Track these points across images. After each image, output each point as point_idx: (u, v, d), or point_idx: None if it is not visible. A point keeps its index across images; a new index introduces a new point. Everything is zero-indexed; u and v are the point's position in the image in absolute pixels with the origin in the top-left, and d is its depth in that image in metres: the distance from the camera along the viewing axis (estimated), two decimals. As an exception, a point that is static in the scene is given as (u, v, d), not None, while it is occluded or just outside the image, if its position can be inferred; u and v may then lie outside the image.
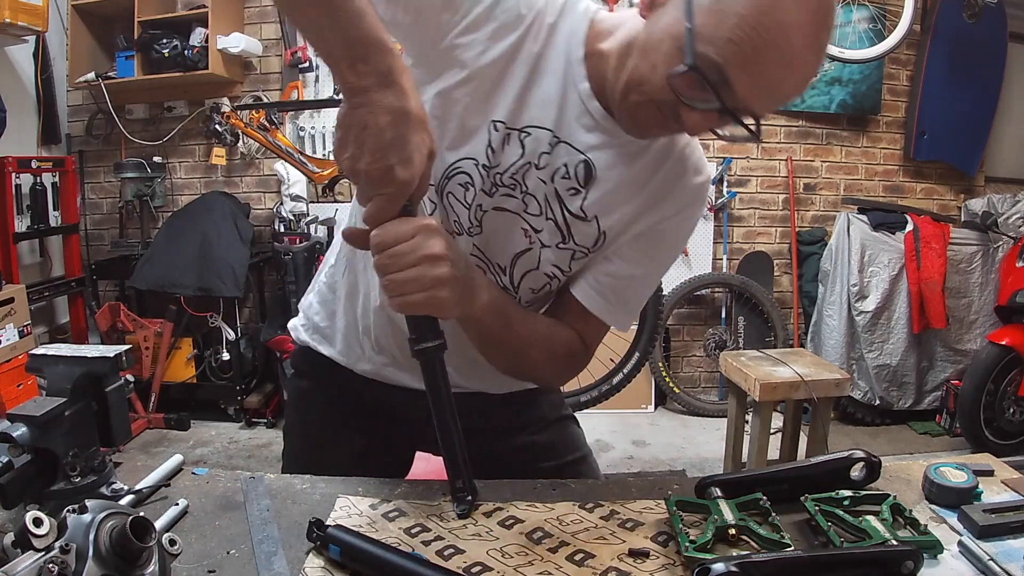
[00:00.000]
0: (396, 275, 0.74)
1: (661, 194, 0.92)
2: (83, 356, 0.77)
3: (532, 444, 1.10)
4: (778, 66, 0.69)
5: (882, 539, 0.69)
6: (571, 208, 0.89)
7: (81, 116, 3.93)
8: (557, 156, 0.87)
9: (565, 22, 0.85)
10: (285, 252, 3.58)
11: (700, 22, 0.69)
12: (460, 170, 0.86)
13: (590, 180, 0.88)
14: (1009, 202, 3.67)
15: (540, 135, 0.86)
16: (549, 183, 0.88)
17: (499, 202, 0.89)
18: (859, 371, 3.57)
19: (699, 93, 0.71)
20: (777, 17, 0.67)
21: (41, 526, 0.57)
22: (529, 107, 0.85)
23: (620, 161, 0.88)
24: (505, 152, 0.86)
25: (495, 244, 0.92)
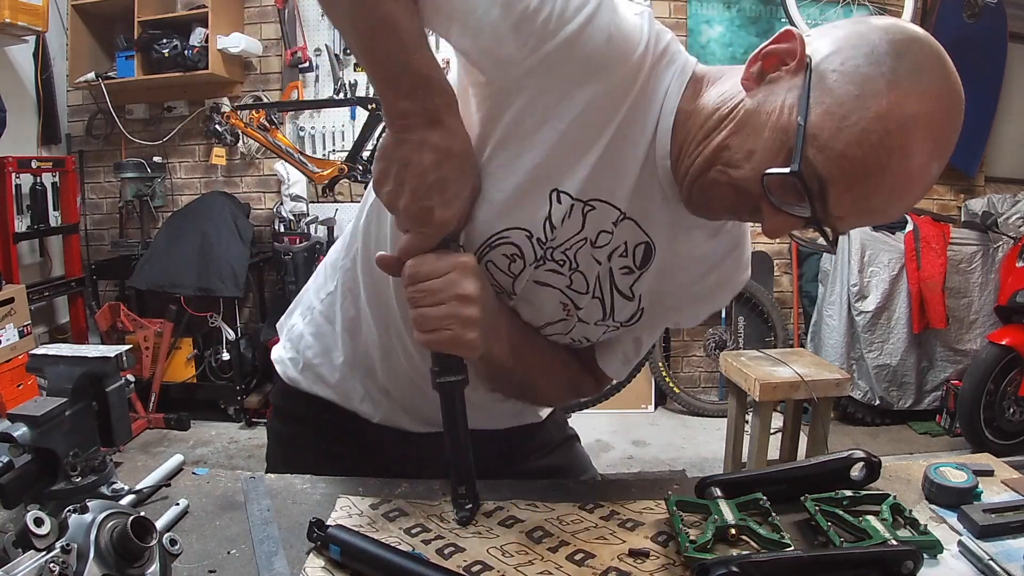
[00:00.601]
0: (426, 310, 0.71)
1: (711, 287, 0.87)
2: (83, 356, 0.77)
3: (540, 469, 1.06)
4: (887, 194, 0.61)
5: (882, 539, 0.69)
6: (620, 288, 0.82)
7: (81, 116, 3.93)
8: (618, 234, 0.78)
9: (667, 71, 0.72)
10: (285, 252, 3.58)
11: (815, 123, 0.60)
12: (507, 240, 0.75)
13: (648, 263, 0.80)
14: (1009, 202, 3.67)
15: (606, 212, 0.76)
16: (604, 262, 0.80)
17: (542, 276, 0.79)
18: (859, 371, 3.57)
19: (792, 198, 0.63)
20: (904, 141, 0.58)
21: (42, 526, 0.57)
22: (602, 177, 0.73)
23: (686, 247, 0.81)
24: (563, 226, 0.75)
25: (527, 312, 0.84)
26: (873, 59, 0.60)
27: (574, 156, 0.72)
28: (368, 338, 0.92)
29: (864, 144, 0.59)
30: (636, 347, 0.93)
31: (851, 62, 0.60)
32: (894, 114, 0.58)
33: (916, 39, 0.61)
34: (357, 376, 0.95)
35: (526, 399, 0.98)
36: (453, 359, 0.77)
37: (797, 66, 0.64)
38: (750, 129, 0.65)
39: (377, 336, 0.91)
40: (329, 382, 0.97)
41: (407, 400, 0.94)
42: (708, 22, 3.75)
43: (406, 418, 0.96)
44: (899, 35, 0.61)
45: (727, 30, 3.76)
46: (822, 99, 0.60)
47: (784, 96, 0.63)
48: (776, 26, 3.75)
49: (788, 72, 0.64)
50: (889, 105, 0.58)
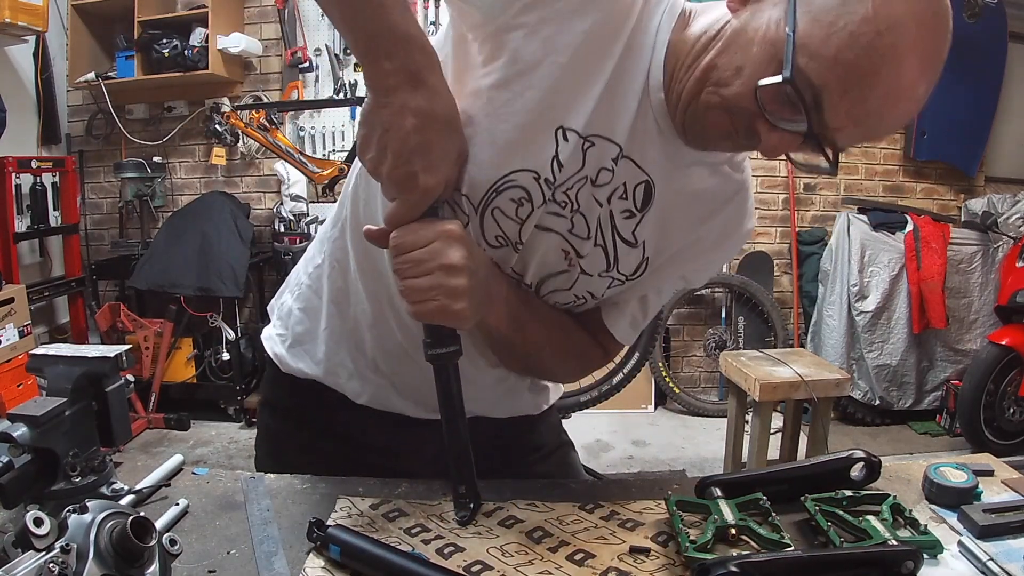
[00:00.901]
0: (413, 281, 0.70)
1: (720, 233, 0.85)
2: (83, 356, 0.77)
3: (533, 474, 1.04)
4: (883, 98, 0.60)
5: (882, 539, 0.69)
6: (622, 233, 0.80)
7: (81, 116, 3.93)
8: (618, 174, 0.76)
9: (658, 5, 0.72)
10: (285, 252, 3.58)
11: (804, 31, 0.60)
12: (514, 184, 0.73)
13: (648, 203, 0.78)
14: (1009, 202, 3.67)
15: (606, 148, 0.74)
16: (605, 204, 0.78)
17: (543, 220, 0.77)
18: (859, 371, 3.57)
19: (787, 111, 0.62)
20: (894, 41, 0.58)
21: (42, 526, 0.57)
22: (603, 112, 0.72)
23: (685, 184, 0.79)
24: (570, 164, 0.74)
25: (531, 260, 0.81)
26: None
27: (577, 91, 0.70)
28: (357, 309, 0.90)
29: (855, 46, 0.58)
30: (643, 308, 0.91)
31: None
32: (881, 15, 0.58)
33: None
34: (344, 349, 0.93)
35: (533, 373, 0.97)
36: (445, 330, 0.75)
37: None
38: (738, 46, 0.65)
39: (368, 306, 0.89)
40: (316, 357, 0.95)
41: (399, 375, 0.92)
42: None
43: (397, 397, 0.93)
44: None
45: None
46: (808, 8, 0.60)
47: (769, 12, 0.63)
48: None
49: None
50: (876, 7, 0.58)
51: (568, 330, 0.89)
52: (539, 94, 0.70)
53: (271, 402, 1.06)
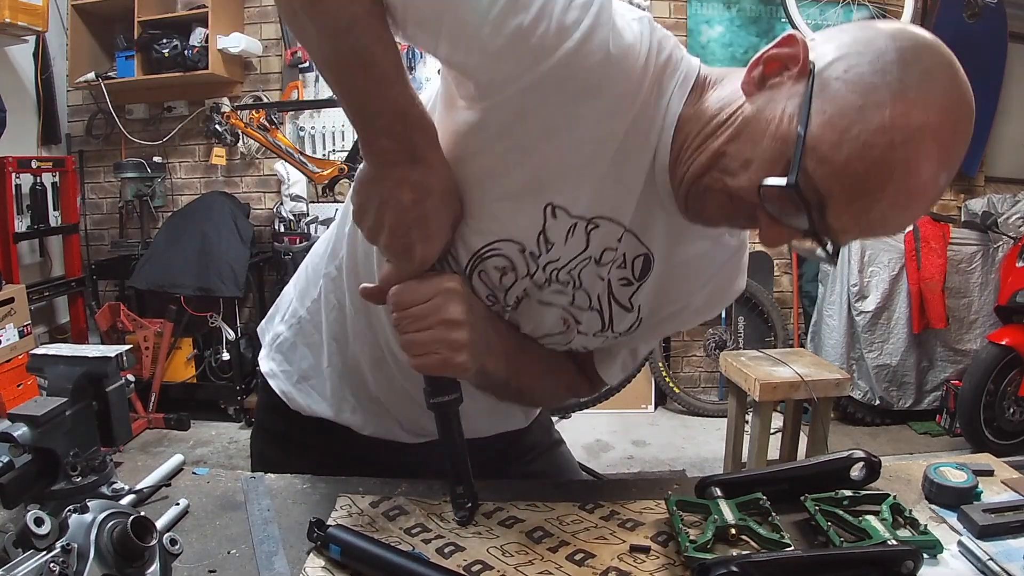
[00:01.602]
0: (413, 336, 0.71)
1: (707, 297, 0.86)
2: (83, 356, 0.77)
3: (526, 475, 1.06)
4: (889, 208, 0.58)
5: (882, 539, 0.69)
6: (619, 299, 0.81)
7: (81, 116, 3.93)
8: (619, 252, 0.77)
9: (669, 81, 0.69)
10: (285, 252, 3.58)
11: (815, 133, 0.57)
12: (498, 252, 0.73)
13: (647, 275, 0.79)
14: (1009, 202, 3.67)
15: (611, 229, 0.73)
16: (607, 279, 0.78)
17: (547, 297, 0.78)
18: (859, 371, 3.57)
19: (790, 209, 0.60)
20: (907, 155, 0.55)
21: (42, 526, 0.57)
22: (607, 195, 0.71)
23: (685, 256, 0.79)
24: (568, 245, 0.73)
25: (528, 323, 0.82)
26: (879, 67, 0.56)
27: (574, 173, 0.69)
28: (356, 348, 0.90)
29: (866, 158, 0.56)
30: (633, 356, 0.92)
31: (855, 70, 0.57)
32: (899, 126, 0.55)
33: (925, 46, 0.58)
34: (347, 386, 0.93)
35: (521, 403, 0.98)
36: (445, 379, 0.77)
37: (799, 72, 0.61)
38: (748, 136, 0.63)
39: (367, 348, 0.89)
40: (323, 393, 0.95)
41: (401, 411, 0.93)
42: (708, 22, 3.75)
43: (399, 429, 0.95)
44: (907, 42, 0.58)
45: (727, 30, 3.76)
46: (824, 108, 0.58)
47: (784, 103, 0.61)
48: (776, 26, 3.75)
49: (790, 78, 0.62)
50: (893, 117, 0.55)
51: (560, 368, 0.91)
52: (531, 172, 0.68)
53: (268, 430, 1.05)
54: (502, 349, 0.79)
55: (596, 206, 0.72)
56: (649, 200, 0.73)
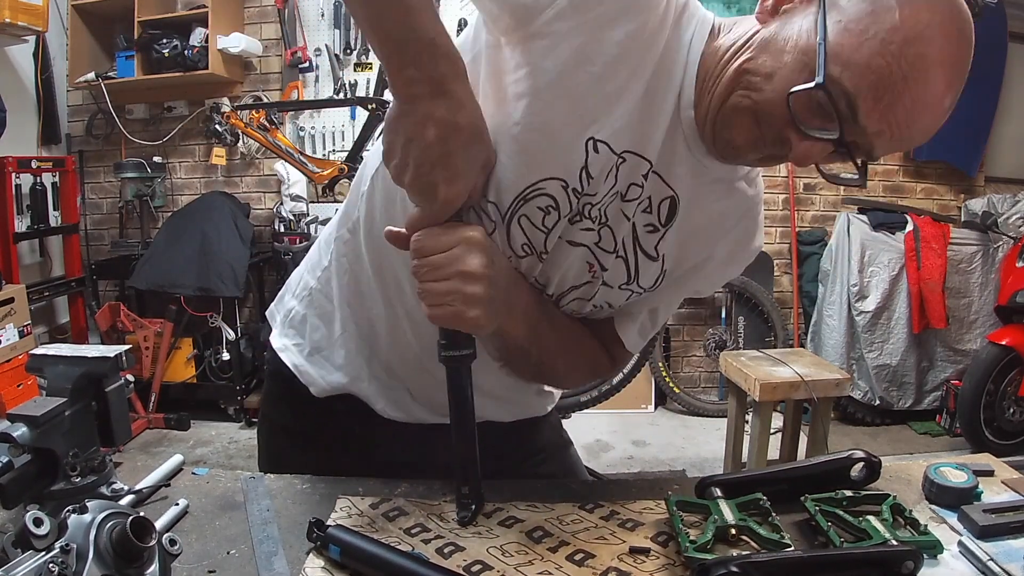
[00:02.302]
0: (431, 285, 0.70)
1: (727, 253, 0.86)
2: (83, 356, 0.77)
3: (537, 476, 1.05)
4: (914, 105, 0.61)
5: (882, 539, 0.69)
6: (644, 247, 0.80)
7: (81, 116, 3.93)
8: (645, 188, 0.76)
9: (689, 21, 0.72)
10: (285, 252, 3.58)
11: (835, 40, 0.61)
12: (542, 192, 0.73)
13: (672, 219, 0.79)
14: (1009, 202, 3.67)
15: (637, 164, 0.74)
16: (634, 218, 0.78)
17: (574, 234, 0.77)
18: (859, 371, 3.57)
19: (818, 120, 0.63)
20: (923, 49, 0.60)
21: (41, 526, 0.57)
22: (636, 128, 0.72)
23: (706, 200, 0.80)
24: (606, 180, 0.73)
25: (555, 272, 0.81)
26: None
27: (609, 103, 0.70)
28: (373, 311, 0.89)
29: (886, 54, 0.60)
30: (652, 319, 0.91)
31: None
32: (909, 24, 0.60)
33: None
34: (361, 354, 0.92)
35: (542, 380, 0.97)
36: (460, 334, 0.75)
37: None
38: (769, 53, 0.66)
39: (383, 310, 0.88)
40: (336, 363, 0.94)
41: (413, 381, 0.92)
42: (708, 22, 3.75)
43: (412, 402, 0.94)
44: None
45: (727, 30, 3.76)
46: (838, 18, 0.62)
47: (800, 22, 0.65)
48: (776, 26, 3.75)
49: (801, 2, 0.66)
50: (902, 16, 0.60)
51: (581, 339, 0.89)
52: (570, 104, 0.69)
53: (274, 421, 1.05)
54: (522, 311, 0.78)
55: (624, 140, 0.72)
56: (674, 139, 0.75)
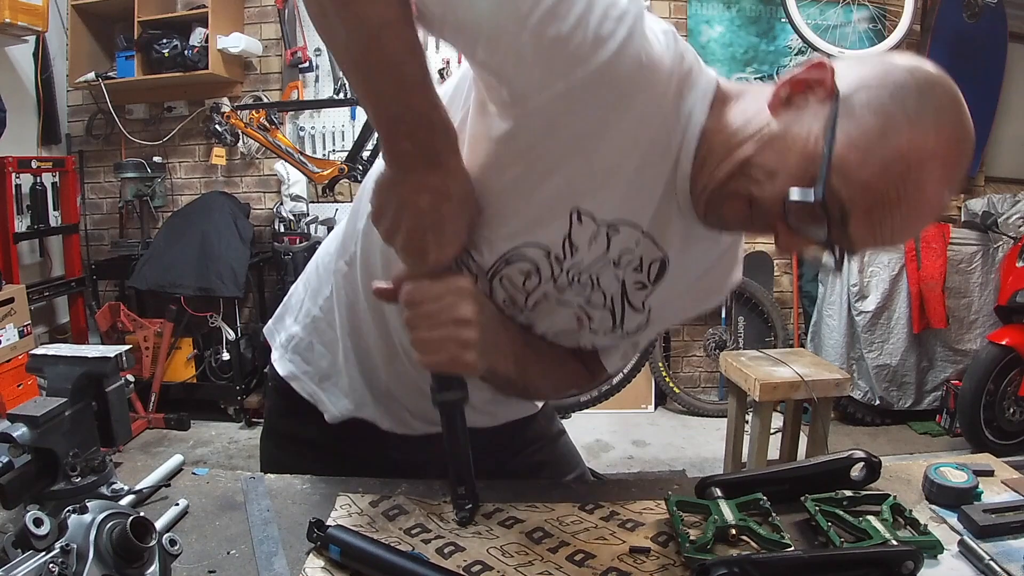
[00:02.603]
0: (424, 334, 0.72)
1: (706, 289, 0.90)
2: (83, 356, 0.77)
3: (531, 464, 1.08)
4: (902, 219, 0.64)
5: (882, 539, 0.69)
6: (633, 301, 0.83)
7: (81, 116, 3.93)
8: (635, 254, 0.79)
9: (691, 93, 0.71)
10: (285, 252, 3.58)
11: (840, 153, 0.63)
12: (523, 256, 0.75)
13: (661, 278, 0.81)
14: (1009, 202, 3.67)
15: (630, 233, 0.76)
16: (623, 280, 0.81)
17: (566, 297, 0.80)
18: (859, 371, 3.56)
19: (809, 221, 0.65)
20: (920, 176, 0.62)
21: (41, 526, 0.57)
22: (629, 200, 0.73)
23: (691, 258, 0.82)
24: (591, 249, 0.75)
25: (541, 323, 0.84)
26: (898, 97, 0.63)
27: (601, 179, 0.71)
28: (370, 342, 0.92)
29: (886, 176, 0.62)
30: (635, 347, 0.95)
31: (877, 99, 0.64)
32: (915, 150, 0.62)
33: (938, 82, 0.65)
34: (364, 381, 0.95)
35: (525, 397, 1.01)
36: (453, 378, 0.78)
37: (826, 95, 0.66)
38: (775, 150, 0.67)
39: (381, 342, 0.90)
40: (344, 390, 0.96)
41: (412, 403, 0.94)
42: (708, 22, 3.75)
43: (410, 418, 0.96)
44: (922, 76, 0.65)
45: (727, 30, 3.76)
46: (848, 130, 0.63)
47: (811, 123, 0.65)
48: (776, 26, 3.75)
49: (816, 100, 0.66)
50: (910, 142, 0.62)
51: (564, 362, 0.92)
52: (562, 180, 0.70)
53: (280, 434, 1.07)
54: (511, 350, 0.81)
55: (618, 211, 0.74)
56: (668, 206, 0.76)
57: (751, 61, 3.78)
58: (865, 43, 3.51)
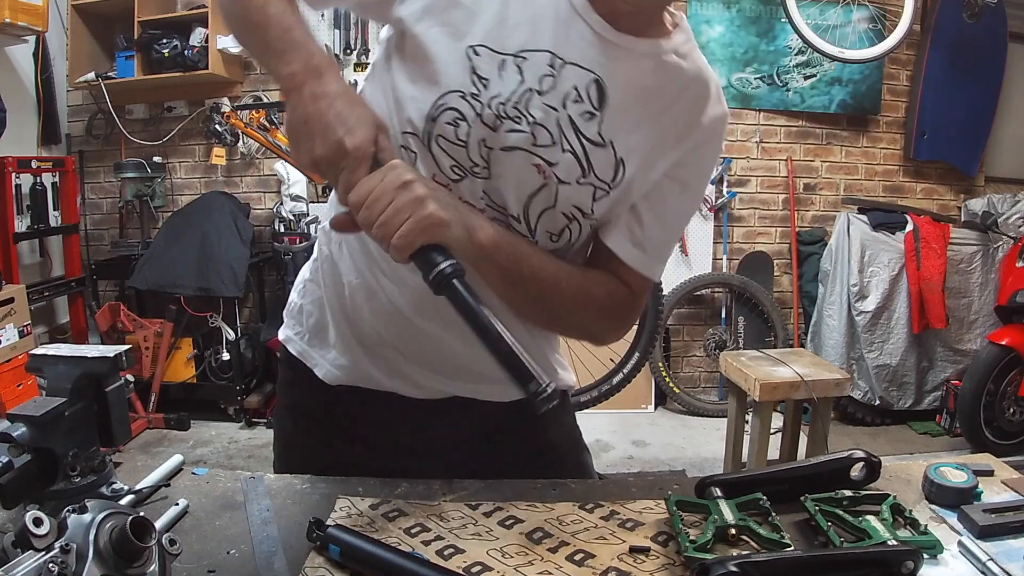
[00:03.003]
0: (381, 217, 0.71)
1: (685, 121, 0.86)
2: (83, 356, 0.77)
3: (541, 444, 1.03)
4: None
5: (882, 539, 0.69)
6: (587, 134, 0.82)
7: (81, 116, 3.93)
8: (564, 79, 0.81)
9: None
10: (285, 252, 3.58)
11: None
12: (445, 107, 0.80)
13: (604, 100, 0.82)
14: (1009, 202, 3.67)
15: (537, 58, 0.80)
16: (561, 109, 0.81)
17: (505, 138, 0.81)
18: (859, 371, 3.57)
19: None
20: None
21: (41, 526, 0.57)
22: (516, 28, 0.80)
23: (634, 77, 0.83)
24: (503, 79, 0.80)
25: (506, 186, 0.83)
26: None
27: (471, 14, 0.80)
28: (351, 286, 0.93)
29: None
30: (638, 220, 0.89)
31: None
32: None
33: None
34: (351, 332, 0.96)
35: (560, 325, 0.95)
36: (433, 253, 0.73)
37: None
38: None
39: (358, 279, 0.93)
40: (330, 342, 0.99)
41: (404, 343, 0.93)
42: (708, 22, 3.75)
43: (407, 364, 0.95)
44: None
45: (727, 30, 3.76)
46: None
47: None
48: (776, 26, 3.75)
49: None
50: None
51: (582, 270, 0.90)
52: (441, 25, 0.80)
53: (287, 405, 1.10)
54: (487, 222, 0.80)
55: (511, 39, 0.80)
56: (569, 24, 0.81)
57: (751, 61, 3.79)
58: (865, 43, 3.51)
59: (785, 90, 3.82)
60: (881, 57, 3.50)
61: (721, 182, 3.84)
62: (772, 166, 3.90)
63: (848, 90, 3.81)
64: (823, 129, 3.91)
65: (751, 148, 3.86)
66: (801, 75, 3.81)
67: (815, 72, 3.80)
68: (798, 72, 3.81)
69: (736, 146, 3.84)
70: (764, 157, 3.89)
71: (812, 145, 3.92)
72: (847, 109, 3.85)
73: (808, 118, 3.88)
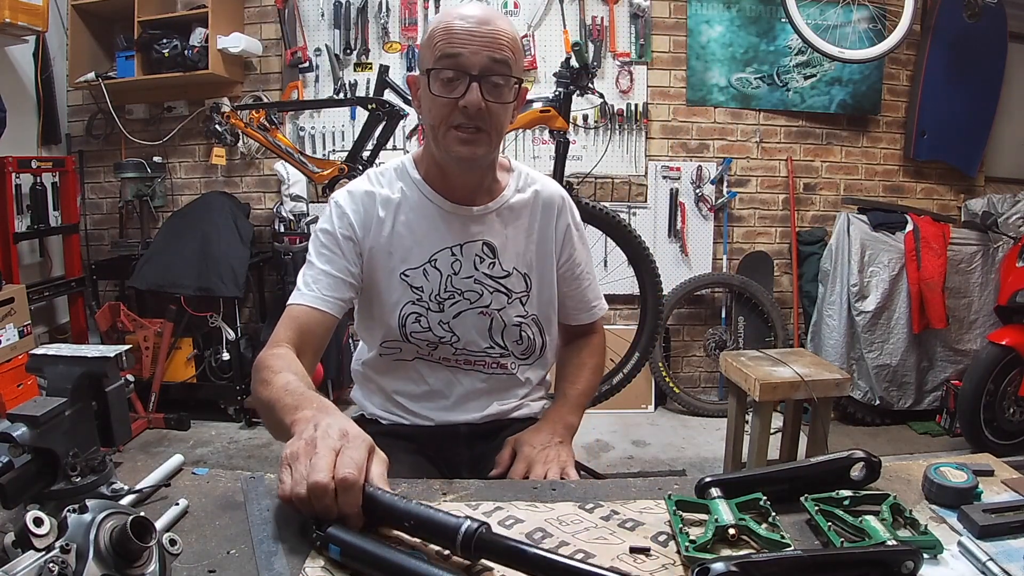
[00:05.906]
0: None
1: (551, 232, 1.28)
2: (83, 356, 0.77)
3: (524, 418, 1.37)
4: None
5: (882, 539, 0.69)
6: (496, 275, 1.23)
7: (81, 116, 3.93)
8: (466, 255, 1.21)
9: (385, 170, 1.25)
10: (285, 252, 3.58)
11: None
12: (407, 313, 1.21)
13: (494, 248, 1.23)
14: (1009, 202, 3.67)
15: (442, 254, 1.20)
16: (475, 271, 1.22)
17: (453, 310, 1.22)
18: (859, 371, 3.56)
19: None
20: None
21: (41, 526, 0.57)
22: (418, 245, 1.20)
23: (501, 225, 1.24)
24: (429, 279, 1.20)
25: (470, 336, 1.23)
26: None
27: (390, 252, 1.21)
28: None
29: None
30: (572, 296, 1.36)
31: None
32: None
33: None
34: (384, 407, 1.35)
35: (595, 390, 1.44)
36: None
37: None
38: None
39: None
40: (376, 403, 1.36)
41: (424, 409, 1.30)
42: (708, 22, 3.75)
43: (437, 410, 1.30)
44: None
45: (727, 30, 3.76)
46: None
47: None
48: (776, 26, 3.75)
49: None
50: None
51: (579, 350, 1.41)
52: (379, 272, 1.22)
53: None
54: (565, 409, 1.35)
55: (421, 253, 1.20)
56: (448, 221, 1.21)
57: (751, 61, 3.79)
58: (865, 43, 3.50)
59: (785, 90, 3.82)
60: (881, 57, 3.49)
61: (721, 182, 3.84)
62: (772, 166, 3.90)
63: (848, 90, 3.81)
64: (823, 129, 3.91)
65: (751, 148, 3.86)
66: (801, 75, 3.81)
67: (815, 72, 3.80)
68: (798, 72, 3.81)
69: (736, 146, 3.84)
70: (764, 157, 3.89)
71: (812, 145, 3.92)
72: (847, 109, 3.85)
73: (808, 118, 3.88)
